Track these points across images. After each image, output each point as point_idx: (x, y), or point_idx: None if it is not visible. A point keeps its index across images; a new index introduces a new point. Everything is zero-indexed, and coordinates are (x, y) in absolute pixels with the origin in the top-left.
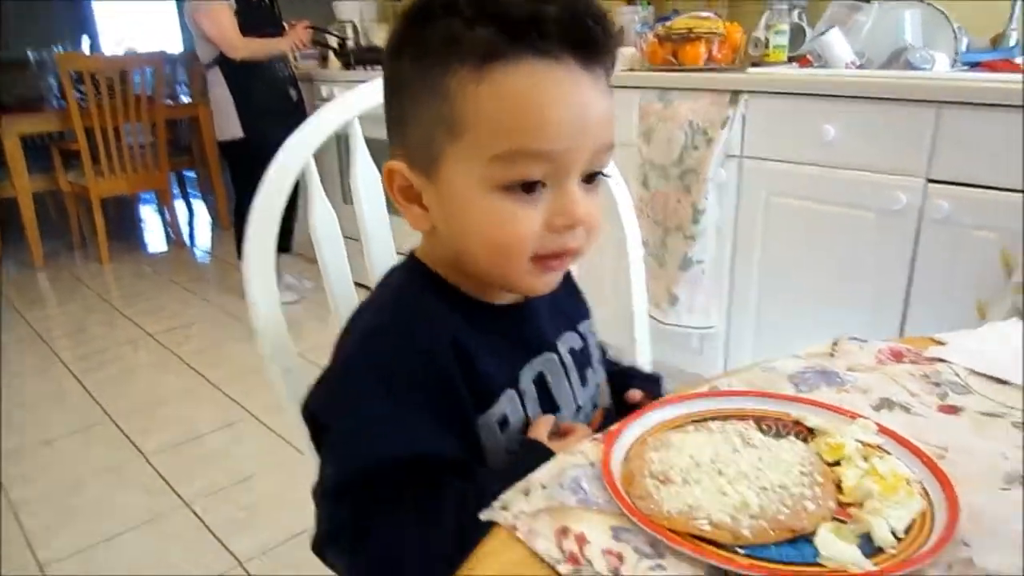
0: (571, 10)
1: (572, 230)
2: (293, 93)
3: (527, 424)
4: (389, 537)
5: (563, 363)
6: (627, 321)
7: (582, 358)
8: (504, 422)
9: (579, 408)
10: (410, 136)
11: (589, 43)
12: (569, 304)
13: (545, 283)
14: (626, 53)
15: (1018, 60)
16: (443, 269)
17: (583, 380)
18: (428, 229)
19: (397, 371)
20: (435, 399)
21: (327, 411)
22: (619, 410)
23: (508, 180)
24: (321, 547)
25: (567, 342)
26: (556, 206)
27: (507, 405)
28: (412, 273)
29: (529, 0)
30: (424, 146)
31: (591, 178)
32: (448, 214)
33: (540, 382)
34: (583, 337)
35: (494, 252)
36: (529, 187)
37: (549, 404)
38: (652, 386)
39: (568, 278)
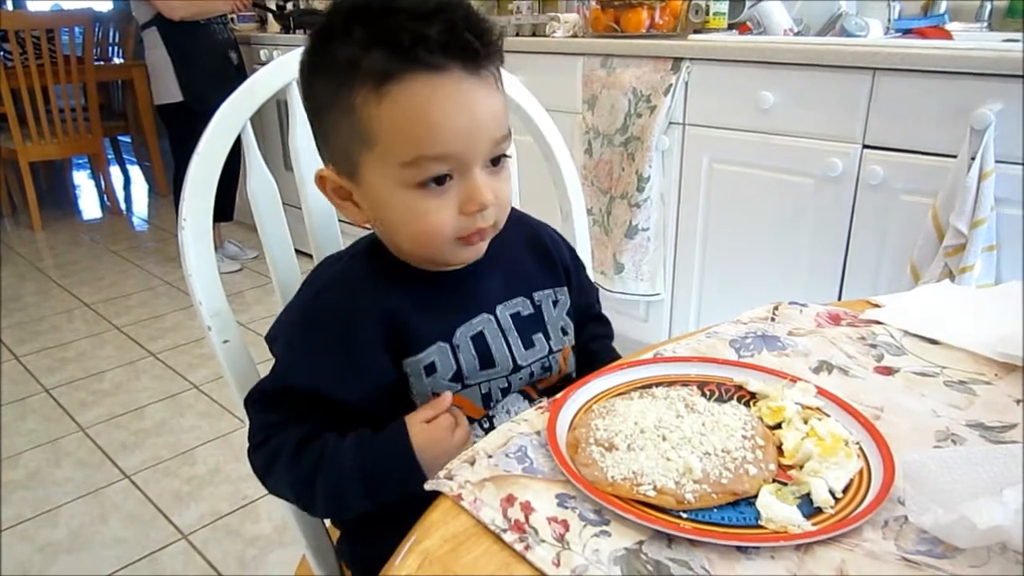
0: (450, 26)
1: (482, 212)
2: (233, 56)
3: (459, 372)
4: (268, 457)
5: (500, 325)
6: None
7: (528, 323)
8: (431, 368)
9: (519, 367)
10: (333, 147)
11: (470, 53)
12: (534, 273)
13: (474, 252)
14: (569, 19)
15: (948, 26)
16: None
17: (528, 343)
18: (364, 222)
19: (321, 324)
20: (346, 355)
21: (270, 338)
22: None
23: (418, 179)
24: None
25: (512, 307)
26: (465, 194)
27: (436, 355)
28: (372, 244)
29: (413, 21)
30: (345, 155)
31: (496, 161)
32: (376, 211)
33: (480, 339)
34: (536, 304)
35: (418, 241)
36: (439, 180)
37: (487, 359)
38: None
39: (546, 252)
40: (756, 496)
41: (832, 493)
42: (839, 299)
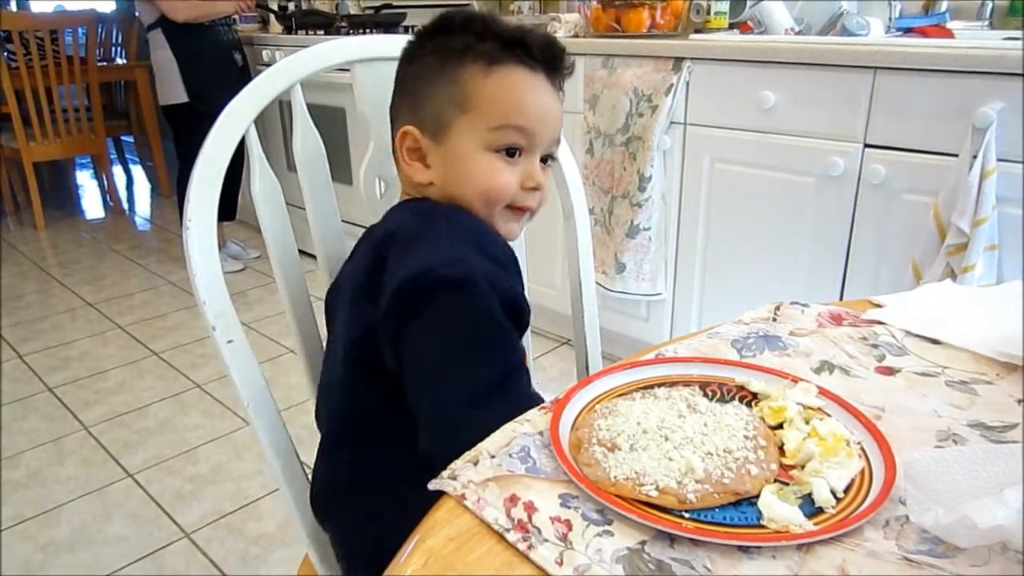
0: (546, 41)
1: (534, 192)
2: (238, 57)
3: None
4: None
5: None
6: (574, 289)
7: None
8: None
9: None
10: (424, 111)
11: (554, 64)
12: None
13: (515, 229)
14: (570, 19)
15: (949, 25)
16: None
17: None
18: (427, 182)
19: (490, 252)
20: (517, 274)
21: (437, 273)
22: None
23: (499, 144)
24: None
25: None
26: (526, 172)
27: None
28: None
29: (520, 30)
30: (436, 118)
31: (544, 161)
32: (450, 168)
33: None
34: None
35: (484, 195)
36: (511, 152)
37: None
38: None
39: None
40: (758, 496)
41: (833, 493)
42: (840, 298)
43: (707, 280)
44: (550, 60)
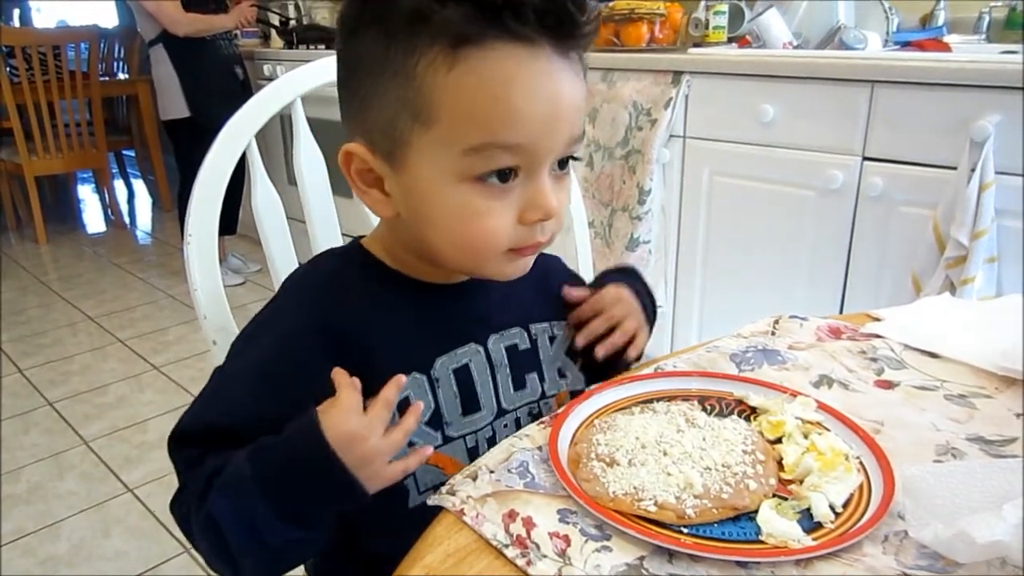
0: None
1: (543, 223)
2: (239, 71)
3: (437, 413)
4: (182, 506)
5: (490, 359)
6: None
7: (523, 359)
8: (405, 404)
9: (504, 412)
10: (371, 119)
11: (567, 27)
12: (532, 300)
13: (519, 268)
14: None
15: (946, 39)
16: (396, 253)
17: (519, 382)
18: (392, 216)
19: (263, 353)
20: (287, 381)
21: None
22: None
23: (481, 171)
24: None
25: (509, 338)
26: (528, 199)
27: (410, 387)
28: (342, 259)
29: None
30: (386, 131)
31: (562, 164)
32: (414, 204)
33: (464, 373)
34: (532, 338)
35: (465, 247)
36: (503, 176)
37: (471, 400)
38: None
39: (544, 278)
40: (756, 511)
41: (832, 508)
42: (841, 311)
43: (707, 293)
44: (558, 21)
